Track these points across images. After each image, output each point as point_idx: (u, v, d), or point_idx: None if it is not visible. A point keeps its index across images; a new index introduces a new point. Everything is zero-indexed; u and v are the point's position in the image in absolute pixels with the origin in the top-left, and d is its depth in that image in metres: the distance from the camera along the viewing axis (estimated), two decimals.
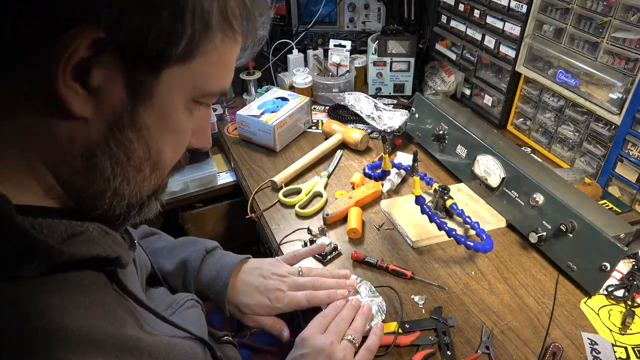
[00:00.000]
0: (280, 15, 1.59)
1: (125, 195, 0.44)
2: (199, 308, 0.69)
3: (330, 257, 0.91)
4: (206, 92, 0.45)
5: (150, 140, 0.43)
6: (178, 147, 0.48)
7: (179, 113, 0.44)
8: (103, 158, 0.41)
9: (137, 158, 0.43)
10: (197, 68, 0.42)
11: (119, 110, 0.40)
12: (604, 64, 0.98)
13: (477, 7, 1.26)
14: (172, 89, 0.42)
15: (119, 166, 0.42)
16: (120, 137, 0.41)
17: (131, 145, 0.42)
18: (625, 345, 0.75)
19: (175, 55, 0.39)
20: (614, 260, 0.77)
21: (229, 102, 1.50)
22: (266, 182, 1.12)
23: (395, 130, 1.25)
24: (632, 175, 0.99)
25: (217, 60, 0.43)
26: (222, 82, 0.46)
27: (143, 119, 0.41)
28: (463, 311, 0.80)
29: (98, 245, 0.41)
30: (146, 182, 0.46)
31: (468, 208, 1.00)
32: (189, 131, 0.48)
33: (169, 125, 0.44)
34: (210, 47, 0.41)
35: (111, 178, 0.42)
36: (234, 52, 0.45)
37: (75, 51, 0.35)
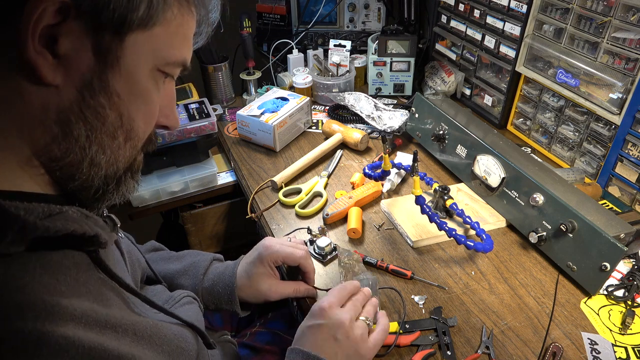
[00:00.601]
0: (280, 15, 1.59)
1: (102, 165, 0.46)
2: (196, 305, 0.69)
3: (330, 257, 0.91)
4: (168, 61, 0.47)
5: (122, 107, 0.45)
6: (148, 116, 0.49)
7: (146, 80, 0.46)
8: (77, 125, 0.43)
9: (110, 125, 0.45)
10: (158, 35, 0.44)
11: (89, 76, 0.42)
12: (604, 64, 0.98)
13: (477, 7, 1.26)
14: (136, 54, 0.44)
15: (93, 133, 0.44)
16: (92, 102, 0.43)
17: (103, 111, 0.44)
18: (625, 345, 0.75)
19: (136, 20, 0.42)
20: (614, 260, 0.77)
21: (229, 102, 1.50)
22: (266, 182, 1.12)
23: (395, 130, 1.25)
24: (632, 175, 0.99)
25: (175, 30, 0.46)
26: (182, 52, 0.48)
27: (112, 85, 0.43)
28: (463, 311, 0.80)
29: (75, 222, 0.42)
30: (121, 150, 0.47)
31: (468, 208, 1.00)
32: (156, 102, 0.50)
33: (138, 92, 0.46)
34: (169, 15, 0.45)
35: (87, 146, 0.44)
36: (191, 25, 0.49)
37: (42, 15, 0.37)
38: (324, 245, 0.90)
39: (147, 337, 0.46)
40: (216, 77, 1.44)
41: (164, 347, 0.48)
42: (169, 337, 0.50)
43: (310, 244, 0.93)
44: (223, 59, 1.43)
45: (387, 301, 0.82)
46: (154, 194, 1.16)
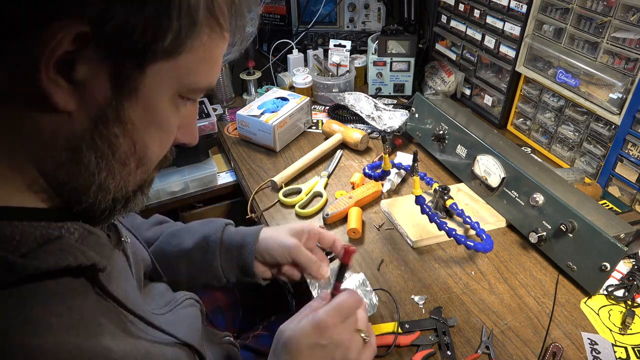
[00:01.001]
0: (280, 15, 1.59)
1: (111, 190, 0.44)
2: (197, 308, 0.68)
3: (330, 257, 0.91)
4: (193, 88, 0.45)
5: (136, 135, 0.43)
6: (164, 141, 0.48)
7: (165, 108, 0.44)
8: (88, 152, 0.41)
9: (123, 153, 0.43)
10: (183, 63, 0.42)
11: (104, 105, 0.40)
12: (604, 64, 0.98)
13: (477, 7, 1.26)
14: (157, 84, 0.42)
15: (104, 160, 0.42)
16: (105, 131, 0.41)
17: (116, 140, 0.42)
18: (625, 345, 0.75)
19: (161, 51, 0.39)
20: (614, 260, 0.77)
21: (228, 102, 1.50)
22: (266, 182, 1.12)
23: (395, 130, 1.25)
24: (632, 175, 0.99)
25: (203, 56, 0.43)
26: (208, 78, 0.46)
27: (128, 114, 0.41)
28: (463, 311, 0.80)
29: (70, 254, 0.40)
30: (132, 176, 0.46)
31: (468, 208, 1.00)
32: (175, 126, 0.48)
33: (155, 120, 0.44)
34: (197, 43, 0.41)
35: (96, 172, 0.42)
36: (221, 48, 0.45)
37: (59, 44, 0.35)
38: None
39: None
40: None
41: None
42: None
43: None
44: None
45: (385, 302, 0.82)
46: (154, 194, 1.15)
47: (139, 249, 0.67)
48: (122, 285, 0.51)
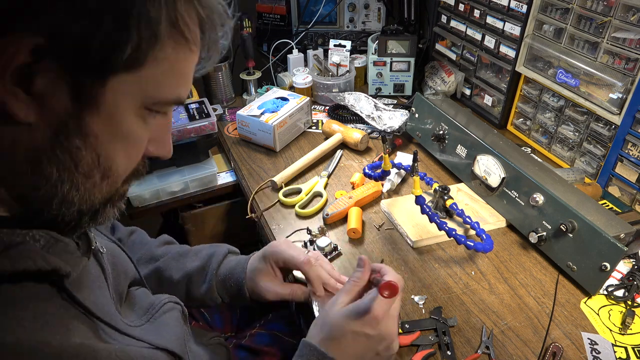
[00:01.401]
0: (280, 15, 1.59)
1: (75, 202, 0.44)
2: (178, 310, 0.67)
3: (330, 257, 0.91)
4: (159, 100, 0.44)
5: (99, 148, 0.42)
6: (131, 154, 0.47)
7: (130, 121, 0.43)
8: (49, 164, 0.41)
9: (86, 165, 0.42)
10: (147, 76, 0.41)
11: (64, 117, 0.39)
12: (604, 64, 0.98)
13: (477, 7, 1.26)
14: (120, 96, 0.41)
15: (65, 172, 0.42)
16: (66, 143, 0.40)
17: (78, 152, 0.41)
18: (625, 345, 0.75)
19: (120, 63, 0.39)
20: (614, 260, 0.77)
21: (229, 102, 1.50)
22: (266, 182, 1.12)
23: (395, 130, 1.25)
24: (632, 175, 0.99)
25: (169, 69, 0.43)
26: (176, 90, 0.45)
27: (90, 126, 0.41)
28: (463, 311, 0.80)
29: (29, 258, 0.40)
30: (97, 189, 0.45)
31: (468, 208, 1.00)
32: (142, 139, 0.47)
33: (119, 133, 0.43)
34: (161, 55, 0.41)
35: (58, 184, 0.42)
36: (190, 61, 0.45)
37: (13, 57, 0.35)
38: (324, 245, 0.90)
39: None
40: (216, 77, 1.44)
41: None
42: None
43: (310, 244, 0.93)
44: (223, 59, 1.43)
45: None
46: (154, 194, 1.16)
47: (123, 261, 0.66)
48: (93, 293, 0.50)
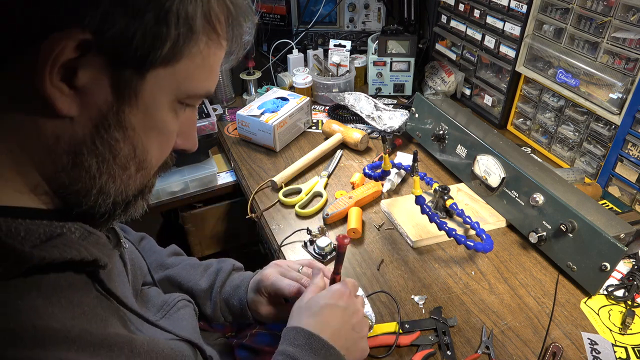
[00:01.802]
0: (280, 15, 1.59)
1: (111, 193, 0.45)
2: (191, 308, 0.69)
3: (330, 257, 0.91)
4: (191, 94, 0.46)
5: (136, 140, 0.44)
6: (164, 146, 0.49)
7: (164, 113, 0.45)
8: (89, 156, 0.42)
9: (123, 157, 0.44)
10: (181, 70, 0.43)
11: (105, 110, 0.41)
12: (604, 64, 0.98)
13: (477, 7, 1.26)
14: (157, 89, 0.43)
15: (104, 164, 0.43)
16: (106, 136, 0.42)
17: (117, 144, 0.43)
18: (625, 345, 0.75)
19: (159, 57, 0.40)
20: (614, 260, 0.77)
21: (229, 102, 1.50)
22: (266, 182, 1.12)
23: (395, 130, 1.25)
24: (632, 175, 0.99)
25: (201, 63, 0.44)
26: (206, 84, 0.47)
27: (129, 119, 0.42)
28: (463, 311, 0.80)
29: (73, 248, 0.41)
30: (132, 180, 0.47)
31: (468, 208, 1.00)
32: (174, 131, 0.49)
33: (155, 125, 0.45)
34: (195, 50, 0.43)
35: (97, 176, 0.43)
36: (219, 56, 0.47)
37: (62, 52, 0.36)
38: (324, 245, 0.90)
39: (143, 353, 0.45)
40: None
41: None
42: (167, 352, 0.50)
43: (310, 244, 0.93)
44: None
45: (386, 303, 0.82)
46: (154, 194, 1.15)
47: (138, 259, 0.68)
48: (120, 285, 0.52)
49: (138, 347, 0.45)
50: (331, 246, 0.91)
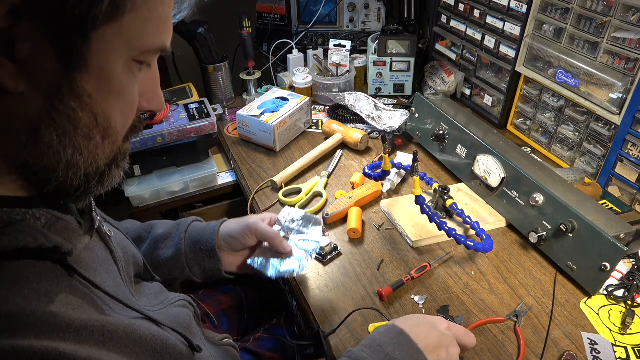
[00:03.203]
0: (280, 15, 1.59)
1: (80, 166, 0.44)
2: (189, 310, 0.68)
3: (331, 257, 0.91)
4: (144, 49, 0.44)
5: (95, 107, 0.42)
6: (126, 110, 0.46)
7: (119, 74, 0.43)
8: (47, 130, 0.40)
9: (85, 126, 0.42)
10: (128, 25, 0.41)
11: (55, 80, 0.39)
12: (604, 64, 0.98)
13: (477, 7, 1.26)
14: (106, 50, 0.40)
15: (66, 137, 0.41)
16: (61, 107, 0.40)
17: (75, 114, 0.41)
18: (625, 345, 0.75)
19: (100, 15, 0.38)
20: (614, 260, 0.77)
21: (228, 102, 1.50)
22: (266, 182, 1.12)
23: (395, 130, 1.25)
24: (632, 175, 0.99)
25: (149, 15, 0.42)
26: (159, 37, 0.44)
27: (82, 86, 0.40)
28: (463, 311, 0.80)
29: (29, 235, 0.40)
30: (100, 150, 0.45)
31: (468, 208, 1.00)
32: (134, 92, 0.47)
33: (111, 89, 0.43)
34: (139, 2, 0.40)
35: (61, 150, 0.42)
36: (167, 4, 0.44)
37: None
38: (324, 245, 0.90)
39: (117, 338, 0.44)
40: (216, 77, 1.44)
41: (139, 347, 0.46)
42: (147, 338, 0.48)
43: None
44: (223, 59, 1.43)
45: (383, 301, 0.82)
46: (154, 194, 1.15)
47: (130, 248, 0.67)
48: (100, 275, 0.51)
49: (111, 332, 0.43)
50: (331, 246, 0.91)
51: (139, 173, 1.15)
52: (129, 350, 0.45)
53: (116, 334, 0.44)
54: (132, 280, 0.64)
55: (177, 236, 0.81)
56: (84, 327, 0.41)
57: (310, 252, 0.81)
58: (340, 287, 0.85)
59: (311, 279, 0.87)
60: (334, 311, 0.80)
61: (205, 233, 0.81)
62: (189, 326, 0.63)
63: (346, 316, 0.77)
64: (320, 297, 0.83)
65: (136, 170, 1.14)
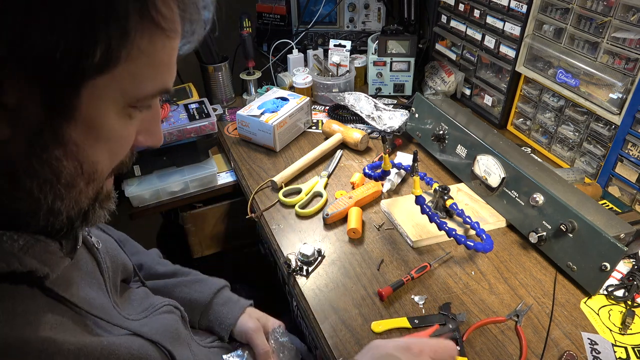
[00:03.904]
0: (280, 15, 1.59)
1: (62, 211, 0.42)
2: (176, 315, 0.67)
3: (317, 263, 0.89)
4: (140, 96, 0.41)
5: (81, 155, 0.40)
6: (116, 153, 0.45)
7: (111, 123, 0.41)
8: (27, 178, 0.39)
9: (68, 175, 0.40)
10: (123, 74, 0.38)
11: (39, 129, 0.37)
12: (604, 64, 0.98)
13: (477, 7, 1.26)
14: (97, 100, 0.38)
15: (47, 185, 0.40)
16: (44, 156, 0.38)
17: (59, 163, 0.39)
18: (625, 345, 0.75)
19: (90, 68, 0.36)
20: (614, 260, 0.77)
21: (228, 102, 1.50)
22: (266, 182, 1.12)
23: (395, 130, 1.25)
24: (632, 175, 0.99)
25: (147, 62, 0.39)
26: (158, 82, 0.42)
27: (68, 135, 0.38)
28: (463, 311, 0.80)
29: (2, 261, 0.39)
30: (82, 194, 0.43)
31: (468, 208, 1.00)
32: (128, 136, 0.45)
33: (101, 136, 0.41)
34: (135, 51, 0.38)
35: (41, 197, 0.40)
36: (170, 48, 0.41)
37: None
38: (309, 253, 0.89)
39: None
40: (216, 77, 1.44)
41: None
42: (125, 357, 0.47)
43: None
44: (223, 59, 1.43)
45: (385, 302, 0.82)
46: (154, 194, 1.16)
47: (120, 256, 0.67)
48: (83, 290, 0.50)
49: (89, 354, 0.43)
50: (315, 254, 0.90)
51: (139, 173, 1.15)
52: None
53: (94, 355, 0.43)
54: (118, 289, 0.63)
55: (208, 289, 0.83)
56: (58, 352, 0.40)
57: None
58: (340, 287, 0.85)
59: (311, 279, 0.87)
60: (334, 311, 0.80)
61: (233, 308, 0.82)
62: (176, 333, 0.63)
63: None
64: (320, 297, 0.83)
65: (136, 170, 1.14)
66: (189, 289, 0.82)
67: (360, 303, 0.82)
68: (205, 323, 0.81)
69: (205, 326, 0.81)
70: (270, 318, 0.85)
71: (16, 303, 0.40)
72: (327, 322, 0.79)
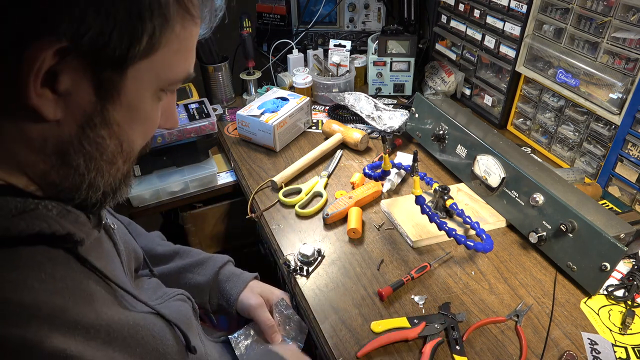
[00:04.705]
0: (280, 15, 1.59)
1: (100, 187, 0.47)
2: (188, 305, 0.69)
3: (317, 263, 0.89)
4: (172, 81, 0.46)
5: (122, 135, 0.45)
6: (148, 133, 0.50)
7: (147, 104, 0.46)
8: (76, 156, 0.43)
9: (110, 153, 0.45)
10: (160, 60, 0.43)
11: (89, 110, 0.42)
12: (604, 64, 0.98)
13: (477, 7, 1.26)
14: (138, 83, 0.43)
15: (92, 162, 0.44)
16: (92, 135, 0.43)
17: (103, 142, 0.44)
18: (625, 345, 0.75)
19: (138, 53, 0.40)
20: (614, 260, 0.77)
21: (229, 102, 1.50)
22: (266, 182, 1.12)
23: (395, 130, 1.25)
24: (632, 175, 0.99)
25: (178, 48, 0.44)
26: (186, 67, 0.47)
27: (113, 116, 0.43)
28: (463, 311, 0.80)
29: (43, 221, 0.42)
30: (119, 171, 0.48)
31: (468, 208, 1.00)
32: (157, 117, 0.49)
33: (139, 117, 0.46)
34: (172, 37, 0.42)
35: (85, 173, 0.44)
36: (195, 35, 0.47)
37: (42, 63, 0.37)
38: (309, 253, 0.89)
39: (121, 338, 0.45)
40: (216, 77, 1.44)
41: (139, 349, 0.48)
42: (147, 339, 0.50)
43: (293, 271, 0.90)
44: (223, 59, 1.43)
45: (384, 302, 0.82)
46: (154, 194, 1.15)
47: (131, 242, 0.69)
48: (109, 265, 0.52)
49: (117, 331, 0.45)
50: (315, 254, 0.90)
51: (139, 173, 1.15)
52: (133, 351, 0.46)
53: (120, 334, 0.45)
54: (133, 274, 0.65)
55: (211, 269, 0.84)
56: (92, 326, 0.42)
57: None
58: (340, 287, 0.85)
59: (311, 279, 0.87)
60: (334, 311, 0.80)
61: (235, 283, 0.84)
62: (190, 321, 0.65)
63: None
64: (320, 297, 0.83)
65: (136, 170, 1.14)
66: (193, 274, 0.83)
67: (360, 303, 0.82)
68: (215, 302, 0.83)
69: (216, 305, 0.83)
70: (275, 290, 0.85)
71: (56, 268, 0.42)
72: (327, 322, 0.79)
